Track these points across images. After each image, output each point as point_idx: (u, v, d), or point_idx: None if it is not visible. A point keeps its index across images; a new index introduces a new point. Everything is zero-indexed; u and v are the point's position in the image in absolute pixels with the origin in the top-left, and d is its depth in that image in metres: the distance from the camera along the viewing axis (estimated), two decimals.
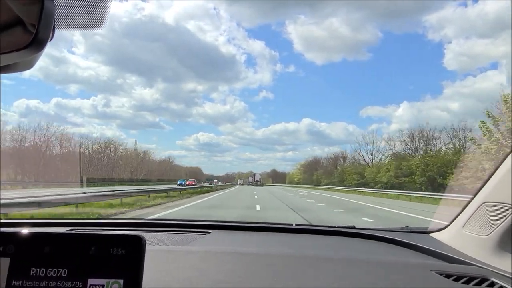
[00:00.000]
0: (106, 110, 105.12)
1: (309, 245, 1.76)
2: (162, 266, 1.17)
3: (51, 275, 0.67)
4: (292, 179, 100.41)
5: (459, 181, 18.77)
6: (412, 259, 1.48)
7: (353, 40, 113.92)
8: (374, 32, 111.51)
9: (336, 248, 1.72)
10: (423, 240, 1.70)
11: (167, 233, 1.85)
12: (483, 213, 1.40)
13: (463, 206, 1.59)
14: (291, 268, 1.23)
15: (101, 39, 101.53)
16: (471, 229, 1.47)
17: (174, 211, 13.52)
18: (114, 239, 0.69)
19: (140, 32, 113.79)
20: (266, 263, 1.26)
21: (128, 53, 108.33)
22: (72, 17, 0.63)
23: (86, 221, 2.46)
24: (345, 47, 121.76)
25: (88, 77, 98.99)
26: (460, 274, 1.17)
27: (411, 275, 1.20)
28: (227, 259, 1.30)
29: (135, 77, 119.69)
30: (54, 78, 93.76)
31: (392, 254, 1.61)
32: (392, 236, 1.80)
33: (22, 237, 0.70)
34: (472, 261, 1.32)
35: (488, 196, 1.41)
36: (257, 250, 1.50)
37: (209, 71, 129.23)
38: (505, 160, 1.35)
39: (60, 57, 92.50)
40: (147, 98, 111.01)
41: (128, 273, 0.67)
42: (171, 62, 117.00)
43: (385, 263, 1.34)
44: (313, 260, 1.32)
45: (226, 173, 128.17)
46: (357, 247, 1.75)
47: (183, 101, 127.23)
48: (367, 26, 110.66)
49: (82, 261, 0.67)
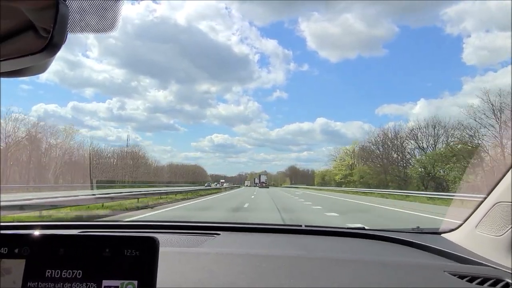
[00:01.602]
0: (121, 113, 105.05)
1: (320, 247, 1.75)
2: (174, 268, 1.17)
3: (66, 276, 0.67)
4: (331, 178, 61.36)
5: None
6: (425, 260, 1.46)
7: (369, 36, 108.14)
8: (390, 27, 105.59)
9: (347, 249, 1.71)
10: (435, 240, 1.68)
11: (177, 235, 1.86)
12: (497, 213, 1.38)
13: (475, 206, 1.57)
14: (302, 269, 1.22)
15: (114, 42, 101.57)
16: (484, 229, 1.45)
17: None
18: (127, 241, 0.70)
19: (152, 34, 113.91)
20: (277, 264, 1.26)
21: (141, 55, 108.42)
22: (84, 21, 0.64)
23: (97, 223, 2.49)
24: (360, 44, 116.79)
25: (103, 80, 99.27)
26: (474, 275, 1.15)
27: (424, 276, 1.19)
28: (238, 260, 1.30)
29: (148, 79, 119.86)
30: (69, 82, 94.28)
31: (403, 255, 1.60)
32: (403, 237, 1.78)
33: (37, 239, 0.71)
34: (485, 262, 1.30)
35: (501, 196, 1.39)
36: (268, 252, 1.49)
37: (222, 71, 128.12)
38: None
39: (75, 61, 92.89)
40: (161, 100, 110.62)
41: (142, 274, 0.67)
42: (184, 63, 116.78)
43: (397, 264, 1.32)
44: (323, 262, 1.32)
45: (238, 174, 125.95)
46: (367, 248, 1.74)
47: (196, 102, 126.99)
48: (382, 21, 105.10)
49: (96, 263, 0.68)
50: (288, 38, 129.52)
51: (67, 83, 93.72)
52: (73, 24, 0.62)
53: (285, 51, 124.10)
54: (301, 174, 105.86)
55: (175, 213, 13.74)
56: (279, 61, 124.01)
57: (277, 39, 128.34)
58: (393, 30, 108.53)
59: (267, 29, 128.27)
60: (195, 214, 13.72)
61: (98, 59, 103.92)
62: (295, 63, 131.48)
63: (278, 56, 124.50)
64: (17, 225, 2.09)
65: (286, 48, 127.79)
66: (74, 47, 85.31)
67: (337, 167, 59.89)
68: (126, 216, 11.31)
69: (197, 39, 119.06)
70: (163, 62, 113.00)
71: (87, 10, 0.64)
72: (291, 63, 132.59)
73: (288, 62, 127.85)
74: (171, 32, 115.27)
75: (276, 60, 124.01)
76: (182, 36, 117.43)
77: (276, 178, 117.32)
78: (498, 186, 1.43)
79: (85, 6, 0.63)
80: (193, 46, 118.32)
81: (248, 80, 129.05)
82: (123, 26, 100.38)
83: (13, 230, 1.83)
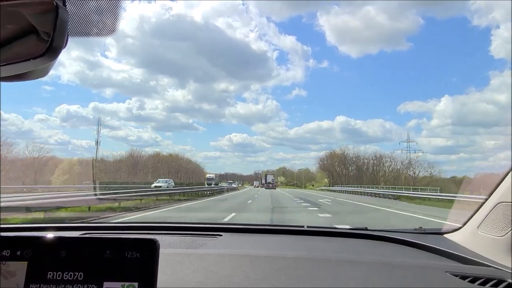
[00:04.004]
0: (140, 113, 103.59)
1: (322, 247, 1.75)
2: (176, 269, 1.17)
3: (67, 278, 0.68)
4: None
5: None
6: (427, 260, 1.46)
7: (392, 29, 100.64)
8: (415, 19, 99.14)
9: (349, 250, 1.71)
10: (437, 241, 1.68)
11: (178, 236, 1.86)
12: (499, 214, 1.38)
13: (478, 207, 1.56)
14: (305, 270, 1.22)
15: (132, 41, 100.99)
16: (486, 229, 1.45)
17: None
18: (128, 243, 0.70)
19: (169, 32, 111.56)
20: (279, 265, 1.26)
21: (158, 54, 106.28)
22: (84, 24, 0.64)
23: (98, 225, 2.50)
24: (383, 37, 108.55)
25: (122, 80, 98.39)
26: (476, 275, 1.15)
27: (426, 276, 1.19)
28: (240, 262, 1.30)
29: (167, 79, 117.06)
30: (90, 82, 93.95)
31: (406, 255, 1.60)
32: (406, 237, 1.78)
33: (39, 241, 0.71)
34: (488, 262, 1.30)
35: (503, 196, 1.38)
36: (270, 253, 1.49)
37: (241, 69, 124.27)
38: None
39: (95, 61, 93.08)
40: (179, 99, 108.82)
41: (143, 276, 0.68)
42: (202, 61, 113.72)
43: (399, 265, 1.32)
44: (326, 263, 1.32)
45: (254, 172, 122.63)
46: (370, 249, 1.74)
47: (215, 101, 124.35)
48: (406, 12, 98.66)
49: (97, 265, 0.69)
50: (307, 34, 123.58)
51: (87, 83, 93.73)
52: (73, 28, 0.63)
53: (304, 47, 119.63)
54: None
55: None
56: (298, 58, 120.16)
57: (295, 35, 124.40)
58: (418, 22, 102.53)
59: (285, 24, 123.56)
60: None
61: (117, 59, 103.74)
62: (314, 59, 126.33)
63: (297, 53, 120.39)
64: (19, 227, 2.10)
65: (305, 44, 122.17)
66: (94, 48, 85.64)
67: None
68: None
69: (214, 37, 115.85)
70: (181, 61, 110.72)
71: (86, 13, 0.64)
72: (310, 59, 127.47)
73: (307, 59, 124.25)
74: (188, 30, 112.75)
75: (295, 57, 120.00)
76: (199, 33, 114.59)
77: (299, 176, 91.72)
78: (500, 187, 1.43)
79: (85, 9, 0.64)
80: (210, 44, 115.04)
81: (266, 78, 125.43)
82: (140, 25, 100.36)
83: (15, 232, 1.84)
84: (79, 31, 0.64)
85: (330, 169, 73.59)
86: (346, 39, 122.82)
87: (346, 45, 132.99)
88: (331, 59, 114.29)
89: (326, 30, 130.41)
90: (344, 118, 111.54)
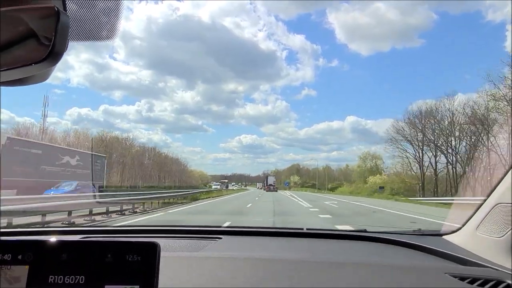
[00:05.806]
0: (150, 115, 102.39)
1: (322, 250, 1.75)
2: (177, 272, 1.17)
3: (68, 282, 0.68)
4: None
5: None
6: (426, 262, 1.47)
7: (403, 26, 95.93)
8: (428, 14, 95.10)
9: (349, 252, 1.71)
10: (436, 242, 1.68)
11: (179, 239, 1.86)
12: (497, 215, 1.39)
13: (476, 208, 1.57)
14: (305, 273, 1.22)
15: (139, 43, 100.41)
16: (485, 231, 1.45)
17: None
18: (129, 246, 0.71)
19: (177, 33, 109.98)
20: (280, 268, 1.26)
21: (166, 55, 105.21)
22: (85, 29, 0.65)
23: (99, 228, 2.49)
24: (394, 34, 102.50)
25: (130, 82, 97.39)
26: (475, 276, 1.15)
27: (425, 278, 1.19)
28: (240, 264, 1.30)
29: (175, 80, 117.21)
30: (99, 85, 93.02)
31: (405, 257, 1.60)
32: (405, 239, 1.78)
33: (40, 245, 0.71)
34: (486, 263, 1.30)
35: (501, 197, 1.39)
36: (270, 255, 1.50)
37: (249, 69, 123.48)
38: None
39: (103, 64, 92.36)
40: (188, 101, 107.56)
41: (144, 279, 0.68)
42: (210, 62, 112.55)
43: (398, 266, 1.33)
44: (326, 265, 1.32)
45: (263, 172, 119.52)
46: (369, 250, 1.74)
47: (224, 102, 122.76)
48: (418, 8, 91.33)
49: (98, 268, 0.69)
50: (316, 32, 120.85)
51: (96, 86, 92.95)
52: (74, 32, 0.63)
53: (313, 46, 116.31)
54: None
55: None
56: (307, 57, 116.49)
57: (304, 34, 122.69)
58: (431, 18, 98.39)
59: (294, 23, 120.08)
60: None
61: (125, 61, 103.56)
62: (324, 58, 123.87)
63: (306, 52, 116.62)
64: (20, 231, 2.09)
65: (314, 43, 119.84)
66: (102, 50, 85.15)
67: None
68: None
69: (222, 37, 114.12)
70: (189, 61, 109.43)
71: (87, 18, 0.65)
72: (319, 58, 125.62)
73: (316, 58, 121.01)
74: (195, 30, 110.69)
75: (304, 56, 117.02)
76: (207, 34, 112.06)
77: (319, 175, 77.23)
78: (498, 187, 1.44)
79: (86, 14, 0.65)
80: (218, 44, 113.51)
81: (275, 78, 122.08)
82: (148, 26, 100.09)
83: (16, 236, 1.84)
84: (80, 35, 0.65)
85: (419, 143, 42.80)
86: (356, 36, 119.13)
87: (356, 42, 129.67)
88: (341, 57, 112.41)
89: (336, 27, 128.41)
90: (355, 118, 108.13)
